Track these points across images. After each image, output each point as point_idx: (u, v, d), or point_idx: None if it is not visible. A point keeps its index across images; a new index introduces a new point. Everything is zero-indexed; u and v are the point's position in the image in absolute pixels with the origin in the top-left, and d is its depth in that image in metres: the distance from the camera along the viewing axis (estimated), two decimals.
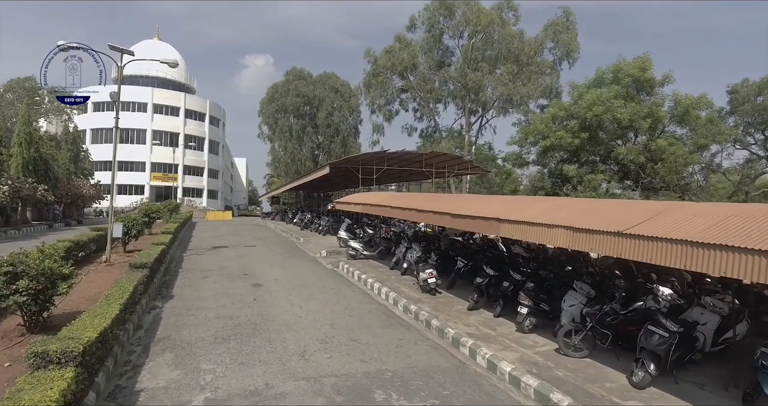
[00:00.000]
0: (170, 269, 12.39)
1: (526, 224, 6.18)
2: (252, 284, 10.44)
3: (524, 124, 25.25)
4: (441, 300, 9.12)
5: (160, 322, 7.47)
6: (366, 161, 18.33)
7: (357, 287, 10.86)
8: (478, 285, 8.36)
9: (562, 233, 5.48)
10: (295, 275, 11.93)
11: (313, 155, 50.99)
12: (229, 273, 11.81)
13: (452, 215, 8.15)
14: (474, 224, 7.44)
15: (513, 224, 6.46)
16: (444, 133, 33.31)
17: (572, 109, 19.15)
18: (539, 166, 22.58)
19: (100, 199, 35.83)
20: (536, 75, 29.17)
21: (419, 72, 31.64)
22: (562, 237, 5.49)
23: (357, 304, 9.07)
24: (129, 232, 12.71)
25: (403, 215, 10.21)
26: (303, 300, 9.10)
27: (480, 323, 7.59)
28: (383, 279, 11.01)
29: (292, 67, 50.07)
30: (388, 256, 14.59)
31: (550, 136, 19.97)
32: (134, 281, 7.13)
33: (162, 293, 9.47)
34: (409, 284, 10.58)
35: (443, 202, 9.62)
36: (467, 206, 8.40)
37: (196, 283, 10.50)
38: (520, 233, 6.34)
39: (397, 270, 12.23)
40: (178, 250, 16.55)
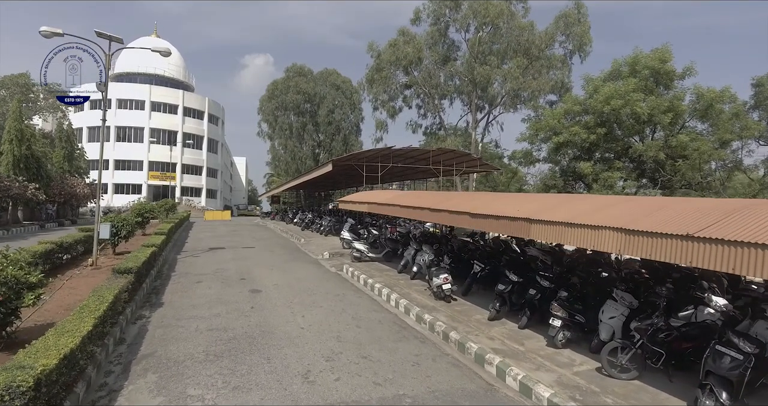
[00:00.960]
0: (162, 272, 11.62)
1: (563, 225, 5.39)
2: (250, 290, 9.67)
3: (534, 120, 24.42)
4: (457, 308, 8.34)
5: (145, 334, 6.69)
6: (370, 158, 17.55)
7: (363, 292, 10.08)
8: (500, 293, 7.58)
9: (612, 235, 4.69)
10: (297, 279, 11.15)
11: (314, 154, 50.21)
12: (226, 277, 11.04)
13: (472, 215, 7.37)
14: (498, 225, 6.66)
15: (547, 225, 5.68)
16: (449, 130, 32.47)
17: (587, 103, 18.33)
18: (550, 163, 21.78)
19: (95, 199, 35.04)
20: (546, 69, 28.30)
21: (424, 67, 30.81)
22: (611, 241, 4.70)
23: (365, 313, 8.29)
24: (119, 233, 11.94)
25: (415, 214, 9.43)
26: (305, 308, 8.32)
27: (505, 335, 6.81)
28: (392, 284, 10.24)
29: (292, 64, 49.35)
30: (394, 258, 13.84)
31: (562, 132, 19.17)
32: (115, 289, 6.35)
33: (151, 301, 8.70)
34: (420, 289, 9.81)
35: (460, 200, 8.83)
36: (489, 205, 7.61)
37: (189, 288, 9.72)
38: (555, 236, 5.55)
39: (406, 274, 11.47)
40: (173, 252, 15.79)
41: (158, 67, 59.47)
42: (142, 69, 58.80)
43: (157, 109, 56.97)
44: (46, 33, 10.32)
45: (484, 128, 32.70)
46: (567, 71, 28.99)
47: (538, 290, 7.20)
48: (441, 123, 33.67)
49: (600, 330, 6.09)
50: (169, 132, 56.72)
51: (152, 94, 56.47)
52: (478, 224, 7.20)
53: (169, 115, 57.80)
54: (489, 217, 6.89)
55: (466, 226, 7.67)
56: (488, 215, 6.92)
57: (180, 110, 58.33)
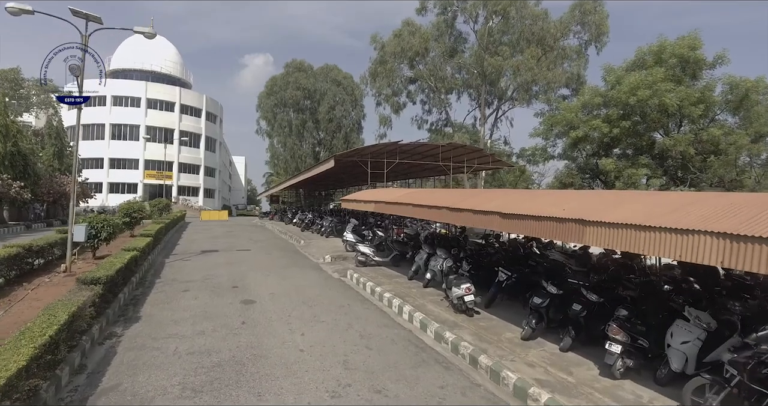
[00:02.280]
0: (145, 279, 10.51)
1: (635, 228, 4.26)
2: (242, 301, 8.55)
3: (548, 114, 23.25)
4: (482, 324, 7.21)
5: (112, 360, 5.58)
6: (375, 154, 16.43)
7: (371, 303, 8.97)
8: (537, 307, 6.45)
9: (713, 244, 3.56)
10: (296, 287, 10.03)
11: (314, 152, 49.09)
12: (216, 285, 9.92)
13: (503, 216, 6.24)
14: (539, 228, 5.53)
15: (609, 227, 4.55)
16: (456, 126, 31.25)
17: (609, 94, 17.19)
18: (566, 160, 20.67)
19: (88, 198, 33.98)
20: (561, 60, 27.10)
21: (430, 59, 29.60)
22: (711, 250, 3.57)
23: (375, 329, 7.17)
24: (98, 235, 10.83)
25: (431, 214, 8.31)
26: (305, 324, 7.20)
27: (546, 360, 5.68)
28: (403, 293, 9.12)
29: (292, 59, 48.41)
30: (402, 262, 12.74)
31: (580, 127, 18.03)
32: (73, 306, 5.24)
33: (127, 314, 7.59)
34: (435, 300, 8.69)
35: (483, 199, 7.70)
36: (522, 204, 6.49)
37: (173, 299, 8.60)
38: (621, 241, 4.43)
39: (418, 281, 10.35)
40: (161, 255, 14.69)
41: (154, 64, 58.48)
42: (137, 65, 57.78)
43: (154, 106, 55.85)
44: (14, 10, 9.24)
45: (493, 124, 31.57)
46: (583, 62, 27.77)
47: (584, 304, 6.08)
48: (447, 119, 32.53)
49: (670, 358, 4.97)
50: (165, 130, 55.60)
51: (148, 91, 55.34)
52: (511, 225, 6.07)
53: (166, 113, 56.70)
54: (526, 218, 5.77)
55: (496, 228, 6.54)
56: (525, 215, 5.79)
57: (177, 108, 57.20)
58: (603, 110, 19.16)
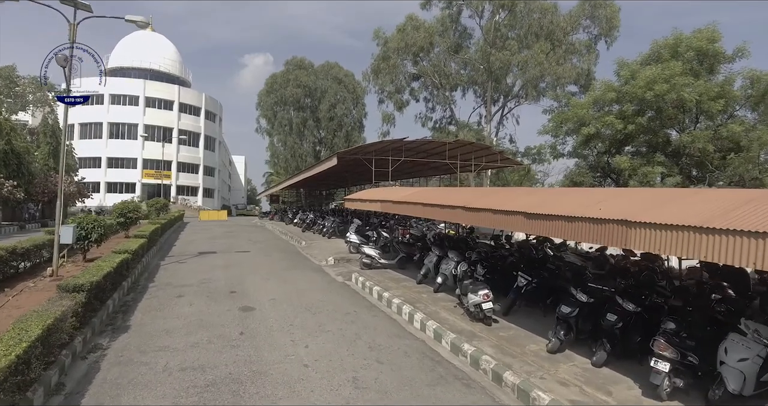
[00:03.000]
0: (138, 283, 9.95)
1: (695, 230, 3.69)
2: (240, 308, 7.98)
3: (557, 111, 22.66)
4: (502, 334, 6.63)
5: (94, 377, 5.01)
6: (380, 152, 15.85)
7: (379, 309, 8.40)
8: (565, 317, 5.88)
9: None
10: (298, 291, 9.46)
11: (315, 151, 48.52)
12: (212, 290, 9.35)
13: (528, 216, 5.67)
14: (573, 229, 4.96)
15: (662, 230, 3.97)
16: (461, 124, 30.58)
17: (623, 89, 16.59)
18: (577, 158, 20.06)
19: (85, 198, 33.42)
20: (571, 55, 26.48)
21: (434, 55, 28.99)
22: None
23: (385, 339, 6.60)
24: (88, 236, 10.26)
25: (444, 214, 7.74)
26: (309, 334, 6.63)
27: (579, 378, 5.10)
28: (413, 299, 8.55)
29: (292, 57, 47.65)
30: (409, 265, 12.18)
31: (592, 123, 17.43)
32: (49, 318, 4.67)
33: (115, 323, 7.02)
34: (448, 306, 8.12)
35: (503, 197, 7.13)
36: (547, 203, 5.91)
37: (166, 305, 8.03)
38: (679, 246, 3.85)
39: (428, 285, 9.79)
40: (156, 257, 14.14)
41: (153, 62, 57.91)
42: (136, 63, 57.21)
43: (152, 104, 55.30)
44: None
45: (499, 122, 30.95)
46: (594, 58, 27.13)
47: (620, 315, 5.50)
48: (452, 116, 31.90)
49: (726, 377, 4.38)
50: (164, 129, 55.02)
51: (147, 89, 54.78)
52: (538, 227, 5.50)
53: (165, 112, 56.15)
54: (557, 218, 5.19)
55: (519, 229, 5.98)
56: (555, 216, 5.21)
57: (176, 106, 56.64)
58: (615, 106, 18.58)
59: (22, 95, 39.56)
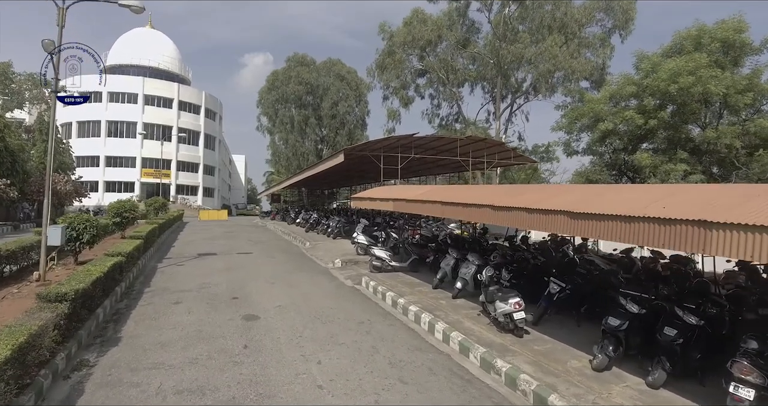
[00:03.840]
0: (133, 287, 9.30)
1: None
2: (243, 316, 7.31)
3: (571, 106, 21.95)
4: (537, 347, 5.96)
5: (77, 402, 4.37)
6: (388, 148, 15.18)
7: (394, 317, 7.74)
8: (614, 331, 5.21)
9: None
10: (305, 297, 8.80)
11: (317, 149, 47.84)
12: (213, 296, 8.69)
13: (574, 215, 5.01)
14: (632, 231, 4.29)
15: (760, 232, 3.30)
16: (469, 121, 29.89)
17: (645, 83, 15.89)
18: (592, 155, 19.35)
19: (81, 197, 32.79)
20: (584, 49, 25.74)
21: (441, 50, 28.27)
22: None
23: (405, 353, 5.94)
24: (79, 237, 9.62)
25: (468, 214, 7.07)
26: (321, 348, 5.97)
27: (638, 402, 4.44)
28: (431, 306, 7.88)
29: (294, 53, 46.87)
30: (421, 267, 11.52)
31: (609, 119, 16.74)
32: (22, 335, 4.02)
33: (105, 334, 6.37)
34: (471, 314, 7.45)
35: (540, 195, 6.46)
36: (596, 202, 5.25)
37: (162, 314, 7.37)
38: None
39: (444, 290, 9.13)
40: (153, 259, 13.49)
41: (152, 60, 57.29)
42: (135, 61, 56.60)
43: (151, 102, 54.68)
44: None
45: (507, 119, 30.21)
46: (609, 51, 26.33)
47: (680, 329, 4.83)
48: (459, 113, 31.13)
49: None
50: (163, 127, 54.34)
51: (146, 86, 54.15)
52: (586, 228, 4.83)
53: (164, 110, 55.52)
54: (610, 219, 4.52)
55: (562, 231, 5.30)
56: (608, 215, 4.54)
57: (175, 104, 56.01)
58: (632, 101, 17.88)
59: (18, 92, 38.98)
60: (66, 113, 48.95)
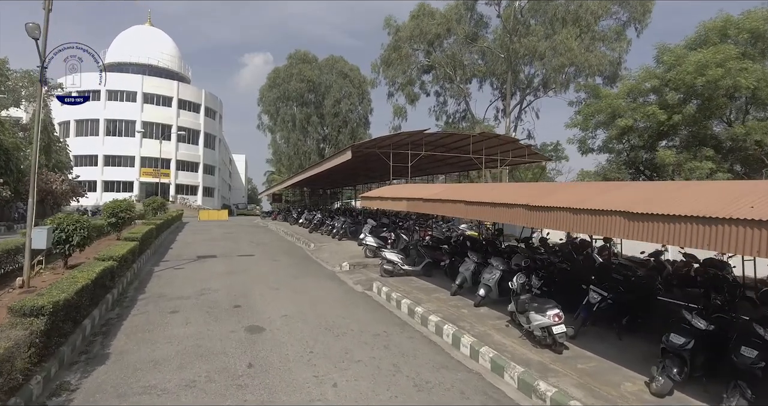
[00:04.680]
0: (126, 294, 8.63)
1: None
2: (247, 328, 6.63)
3: (585, 102, 21.23)
4: (581, 366, 5.27)
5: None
6: (397, 145, 14.50)
7: (413, 328, 7.05)
8: (678, 350, 4.53)
9: None
10: (313, 305, 8.12)
11: (319, 148, 47.16)
12: (213, 303, 8.01)
13: (632, 216, 4.32)
14: (716, 236, 3.60)
15: None
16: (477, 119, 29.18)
17: (667, 76, 15.19)
18: (608, 153, 18.64)
19: (79, 197, 32.16)
20: (598, 42, 24.97)
21: (448, 45, 27.51)
22: None
23: (431, 372, 5.26)
24: (69, 239, 8.95)
25: (497, 214, 6.38)
26: (335, 366, 5.29)
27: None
28: (453, 316, 7.20)
29: (295, 50, 46.21)
30: (435, 271, 10.85)
31: (629, 115, 16.04)
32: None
33: (92, 349, 5.69)
34: (499, 325, 6.77)
35: (579, 194, 5.77)
36: (656, 202, 4.55)
37: (157, 325, 6.69)
38: None
39: (463, 297, 8.45)
40: (150, 261, 12.83)
41: (151, 57, 56.73)
42: (134, 59, 56.07)
43: (150, 101, 54.08)
44: None
45: (517, 117, 29.47)
46: (625, 45, 25.55)
47: (761, 349, 4.14)
48: (467, 110, 30.37)
49: None
50: (162, 126, 53.75)
51: (145, 85, 53.56)
52: (647, 231, 4.14)
53: (163, 108, 54.91)
54: (689, 221, 3.83)
55: (617, 234, 4.60)
56: (686, 217, 3.85)
57: (174, 102, 55.39)
58: (651, 97, 17.17)
59: (14, 90, 38.32)
60: (64, 112, 48.24)
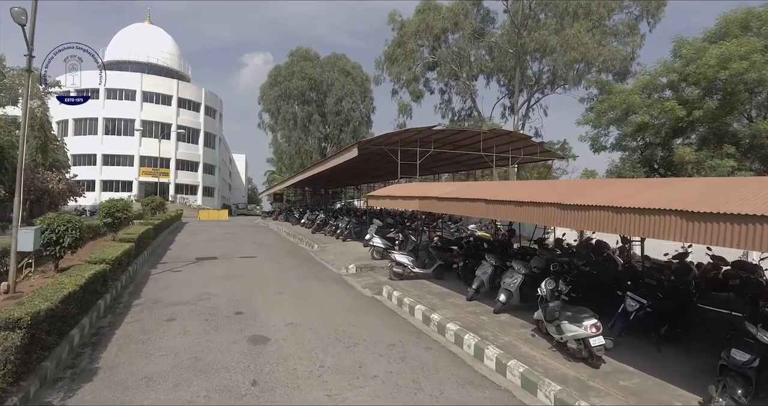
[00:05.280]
0: (120, 299, 8.11)
1: None
2: (249, 338, 6.11)
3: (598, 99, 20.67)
4: (624, 383, 4.74)
5: None
6: (405, 142, 13.98)
7: (429, 337, 6.53)
8: (741, 368, 4.00)
9: None
10: (320, 311, 7.60)
11: (320, 147, 46.63)
12: (213, 310, 7.49)
13: (690, 216, 3.80)
14: None
15: None
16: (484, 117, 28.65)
17: (687, 70, 14.63)
18: (621, 151, 18.08)
19: (76, 196, 31.67)
20: (610, 37, 24.39)
21: (454, 41, 26.95)
22: None
23: (455, 390, 4.74)
24: (59, 241, 8.44)
25: (525, 214, 5.85)
26: (349, 382, 4.77)
27: None
28: (472, 324, 6.68)
29: (297, 47, 45.64)
30: (446, 274, 10.33)
31: (644, 110, 15.49)
32: None
33: (79, 363, 5.18)
34: (524, 335, 6.24)
35: (619, 192, 5.25)
36: (711, 200, 4.03)
37: (152, 334, 6.17)
38: None
39: (480, 302, 7.94)
40: (147, 263, 12.32)
41: (151, 55, 56.30)
42: (133, 57, 55.61)
43: (150, 99, 53.61)
44: None
45: (524, 114, 28.87)
46: (638, 39, 24.95)
47: None
48: (472, 108, 29.81)
49: None
50: (162, 124, 53.28)
51: (144, 83, 53.08)
52: (721, 234, 3.61)
53: (163, 107, 54.43)
54: (756, 220, 3.30)
55: (672, 237, 4.07)
56: (754, 216, 3.33)
57: (174, 101, 54.93)
58: (667, 92, 16.62)
59: (11, 87, 37.84)
60: (62, 110, 47.76)
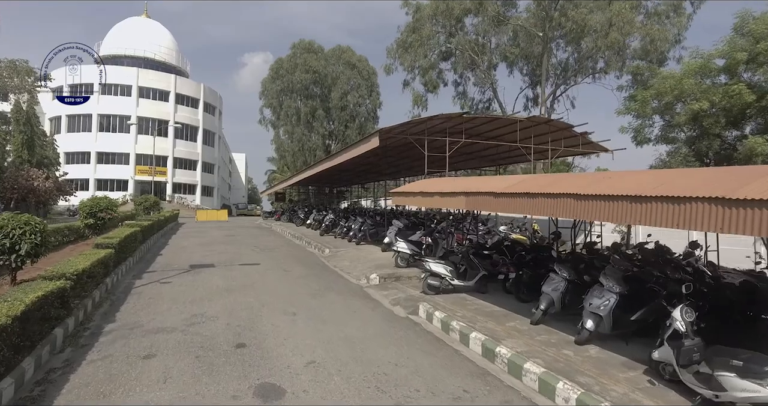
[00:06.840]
0: (89, 323, 6.40)
1: None
2: (256, 388, 4.38)
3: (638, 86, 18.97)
4: None
5: None
6: (432, 130, 12.27)
7: (502, 382, 4.80)
8: None
9: None
10: (349, 343, 5.84)
11: (324, 144, 45.00)
12: (206, 342, 5.75)
13: None
14: None
15: None
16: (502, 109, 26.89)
17: (758, 48, 12.86)
18: (666, 144, 16.37)
19: (66, 195, 30.09)
20: (654, 18, 22.51)
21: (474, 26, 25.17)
22: None
23: None
24: (15, 247, 6.75)
25: (635, 213, 4.11)
26: None
27: None
28: (558, 362, 4.95)
29: (299, 40, 44.08)
30: (489, 285, 8.64)
31: (703, 96, 13.79)
32: None
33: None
34: (635, 378, 4.51)
35: (733, 180, 3.50)
36: None
37: (118, 385, 4.44)
38: None
39: (547, 326, 6.22)
40: (131, 272, 10.61)
41: (148, 50, 54.79)
42: (129, 51, 54.13)
43: (146, 95, 52.11)
44: None
45: (549, 106, 27.06)
46: (684, 20, 23.03)
47: None
48: (492, 99, 28.05)
49: None
50: (159, 121, 51.65)
51: (140, 78, 51.56)
52: None
53: (160, 103, 52.96)
54: None
55: None
56: None
57: (172, 97, 53.46)
58: (721, 77, 14.90)
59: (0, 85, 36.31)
60: (55, 106, 46.39)
